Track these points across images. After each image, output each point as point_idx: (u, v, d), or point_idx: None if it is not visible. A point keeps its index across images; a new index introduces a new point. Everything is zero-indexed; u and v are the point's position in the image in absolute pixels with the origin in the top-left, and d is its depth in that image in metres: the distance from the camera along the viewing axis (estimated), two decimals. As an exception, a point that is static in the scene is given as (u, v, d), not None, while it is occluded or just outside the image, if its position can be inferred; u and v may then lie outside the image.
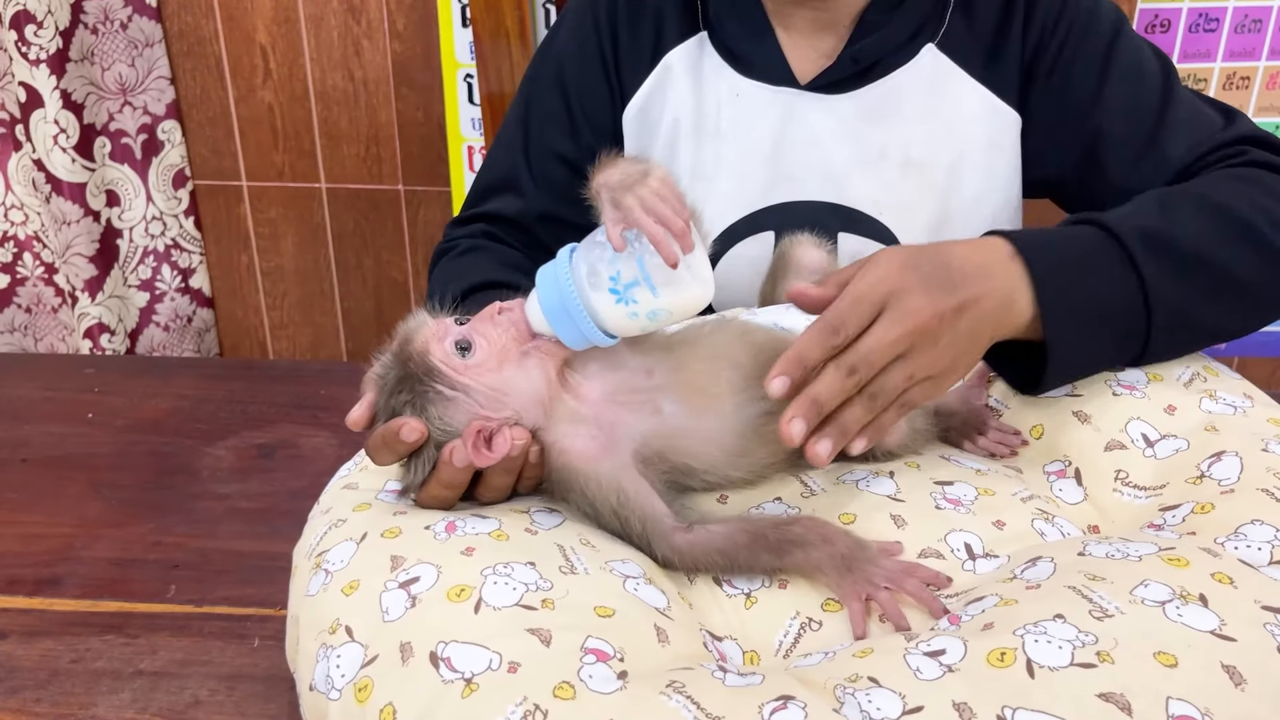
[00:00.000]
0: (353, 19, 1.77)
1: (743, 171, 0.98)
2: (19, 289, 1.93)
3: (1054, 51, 0.93)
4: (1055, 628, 0.53)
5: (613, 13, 1.00)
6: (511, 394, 0.65)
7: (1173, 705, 0.49)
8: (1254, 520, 0.62)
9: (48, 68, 1.70)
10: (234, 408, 1.08)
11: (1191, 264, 0.74)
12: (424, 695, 0.54)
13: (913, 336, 0.65)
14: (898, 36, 0.94)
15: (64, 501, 0.93)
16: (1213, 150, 0.87)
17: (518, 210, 1.02)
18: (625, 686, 0.53)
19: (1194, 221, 0.76)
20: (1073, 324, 0.72)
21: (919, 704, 0.51)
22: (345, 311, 1.98)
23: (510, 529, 0.64)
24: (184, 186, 1.89)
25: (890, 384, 0.66)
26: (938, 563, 0.64)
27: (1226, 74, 1.67)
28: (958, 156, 0.96)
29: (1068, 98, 0.93)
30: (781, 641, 0.61)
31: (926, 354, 0.66)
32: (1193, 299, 0.74)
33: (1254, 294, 0.78)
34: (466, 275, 0.94)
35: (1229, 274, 0.76)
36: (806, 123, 0.97)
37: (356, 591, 0.61)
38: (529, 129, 1.03)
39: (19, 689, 0.70)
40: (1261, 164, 0.83)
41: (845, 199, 0.96)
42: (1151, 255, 0.73)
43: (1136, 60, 0.92)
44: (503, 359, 0.65)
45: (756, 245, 0.97)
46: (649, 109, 1.00)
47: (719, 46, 0.99)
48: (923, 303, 0.66)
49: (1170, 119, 0.89)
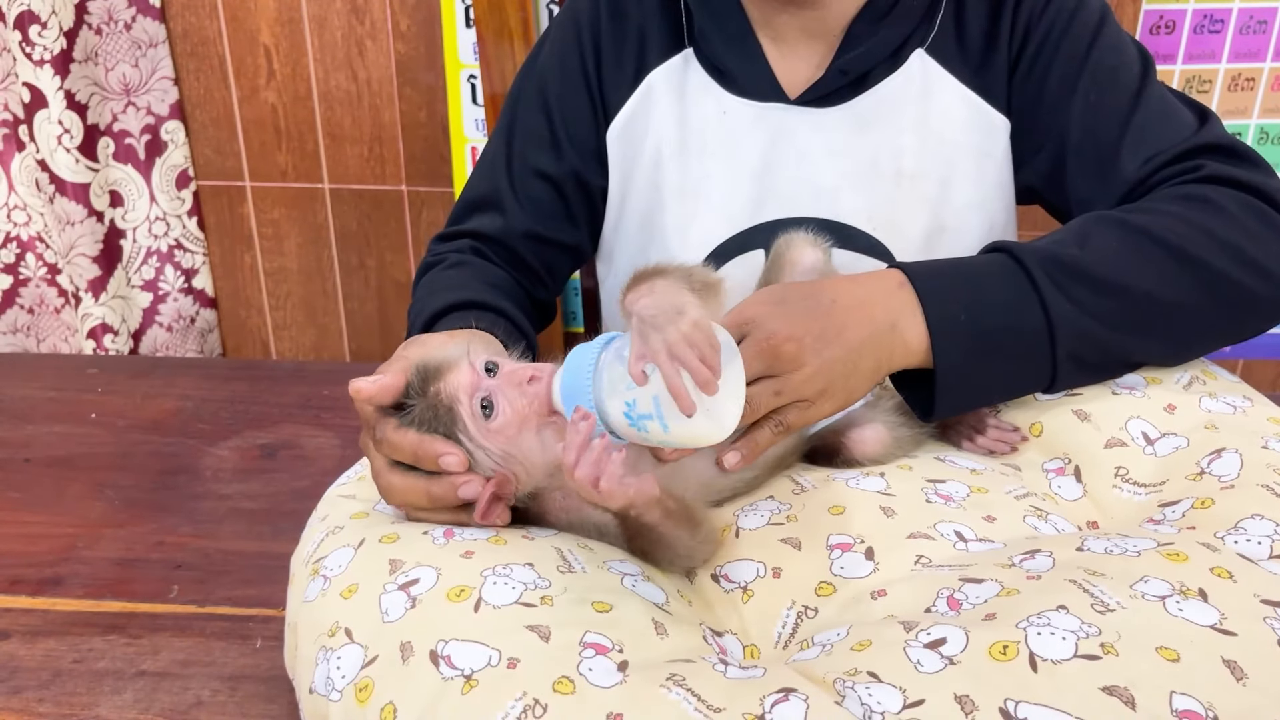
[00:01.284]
0: (356, 20, 1.77)
1: (731, 190, 0.96)
2: (22, 289, 1.93)
3: (1034, 52, 0.91)
4: (1059, 618, 0.53)
5: (596, 29, 0.98)
6: (523, 460, 0.67)
7: (1176, 700, 0.49)
8: (1254, 515, 0.62)
9: (51, 68, 1.70)
10: (237, 408, 1.08)
11: (1105, 289, 0.73)
12: (425, 693, 0.54)
13: (768, 357, 0.68)
14: (887, 46, 0.92)
15: (67, 502, 0.93)
16: (1169, 164, 0.84)
17: (500, 229, 1.00)
18: (625, 679, 0.53)
19: (1115, 247, 0.75)
20: (965, 348, 0.72)
21: (920, 697, 0.51)
22: (348, 312, 1.98)
23: (507, 534, 0.66)
24: (187, 187, 1.89)
25: (755, 398, 0.68)
26: (928, 544, 0.64)
27: (1231, 75, 1.67)
28: (949, 166, 0.94)
29: (1043, 100, 0.91)
30: (780, 632, 0.62)
31: (792, 377, 0.69)
32: (1104, 323, 0.73)
33: (1188, 317, 0.76)
34: (450, 290, 0.91)
35: (1151, 299, 0.74)
36: (795, 139, 0.95)
37: (355, 594, 0.61)
38: (512, 147, 1.01)
39: (21, 689, 0.70)
40: (1216, 178, 0.80)
41: (837, 214, 0.95)
42: (1056, 279, 0.72)
43: (1114, 63, 0.89)
44: (522, 427, 0.66)
45: (745, 265, 0.95)
46: (632, 127, 0.98)
47: (705, 63, 0.96)
48: (779, 327, 0.69)
49: (1135, 126, 0.86)
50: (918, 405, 0.76)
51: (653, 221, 0.99)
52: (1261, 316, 0.78)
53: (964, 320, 0.72)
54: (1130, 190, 0.85)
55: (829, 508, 0.68)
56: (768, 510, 0.69)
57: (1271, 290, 0.77)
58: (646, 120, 0.98)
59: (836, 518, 0.67)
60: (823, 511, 0.67)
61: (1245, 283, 0.75)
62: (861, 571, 0.63)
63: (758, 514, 0.69)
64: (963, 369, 0.72)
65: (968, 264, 0.76)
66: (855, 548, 0.64)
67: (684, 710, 0.51)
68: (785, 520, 0.67)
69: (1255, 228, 0.77)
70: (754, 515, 0.69)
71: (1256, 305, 0.77)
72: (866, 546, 0.64)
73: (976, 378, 0.73)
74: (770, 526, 0.67)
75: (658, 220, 0.98)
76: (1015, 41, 0.91)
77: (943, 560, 0.63)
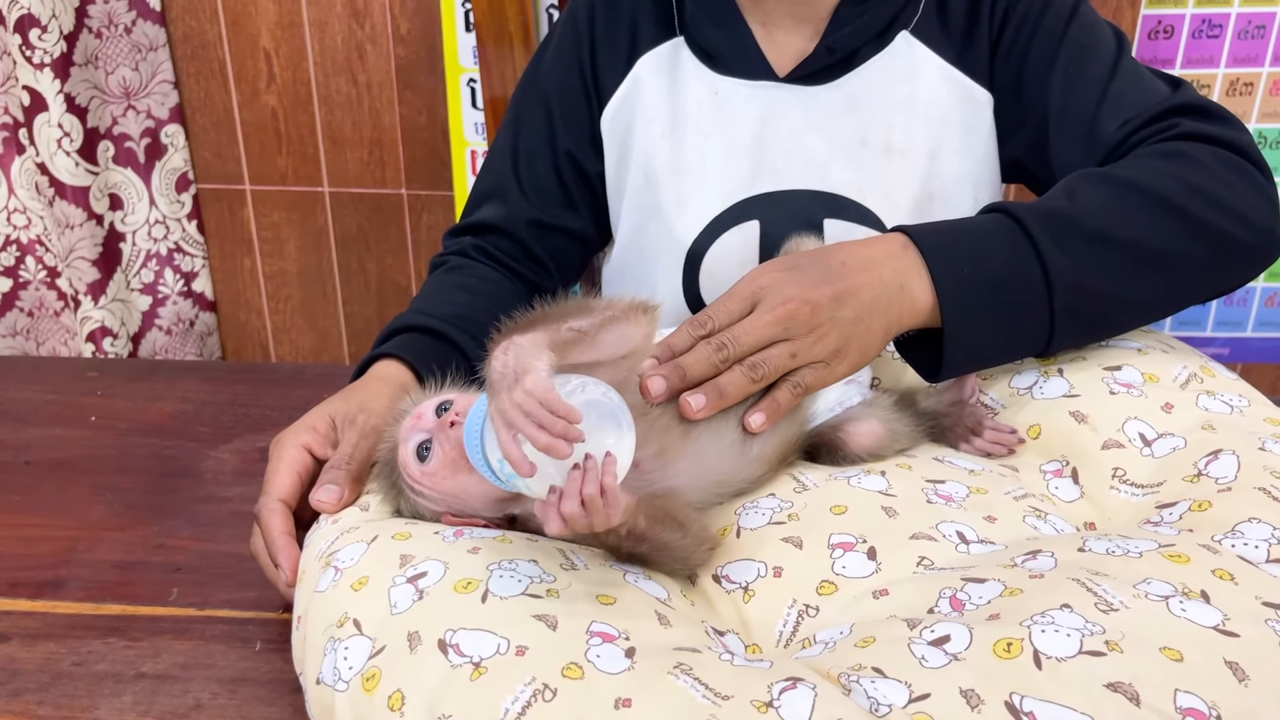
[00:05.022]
0: (356, 23, 1.77)
1: (726, 165, 1.00)
2: (21, 293, 1.93)
3: (1014, 31, 0.95)
4: (1063, 616, 0.53)
5: (591, 20, 1.03)
6: (466, 498, 0.67)
7: (1181, 698, 0.50)
8: (1251, 519, 0.62)
9: (52, 72, 1.70)
10: (237, 411, 1.08)
11: (1097, 240, 0.76)
12: (432, 679, 0.54)
13: (785, 321, 0.70)
14: (873, 27, 0.96)
15: (67, 504, 0.93)
16: (1145, 124, 0.87)
17: (504, 218, 1.04)
18: (634, 666, 0.54)
19: (1103, 200, 0.78)
20: (970, 303, 0.74)
21: (926, 691, 0.51)
22: (348, 315, 1.98)
23: (513, 535, 0.66)
24: (187, 190, 1.89)
25: (772, 360, 0.70)
26: (930, 545, 0.64)
27: (1230, 80, 1.67)
28: (936, 140, 0.97)
29: (1024, 75, 0.94)
30: (781, 631, 0.62)
31: (807, 338, 0.71)
32: (1098, 275, 0.76)
33: (1176, 265, 0.78)
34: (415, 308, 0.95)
35: (1142, 247, 0.77)
36: (786, 115, 0.98)
37: (365, 587, 0.61)
38: (516, 139, 1.06)
39: (21, 691, 0.70)
40: (1191, 135, 0.84)
41: (828, 186, 0.98)
42: (1052, 233, 0.75)
43: (1089, 41, 0.93)
44: (455, 469, 0.66)
45: (742, 234, 0.99)
46: (624, 112, 1.03)
47: (695, 49, 1.01)
48: (794, 292, 0.70)
49: (1111, 96, 0.90)
50: (924, 367, 0.78)
51: (649, 201, 1.03)
52: (1245, 262, 0.82)
53: (968, 275, 0.74)
54: (1110, 152, 0.88)
55: (830, 506, 0.68)
56: (769, 508, 0.69)
57: (1253, 237, 0.80)
58: (638, 103, 1.02)
59: (838, 517, 0.67)
60: (824, 510, 0.67)
61: (1227, 229, 0.79)
62: (864, 571, 0.63)
63: (759, 513, 0.69)
64: (969, 325, 0.74)
65: (968, 223, 0.79)
66: (857, 547, 0.64)
67: (692, 696, 0.51)
68: (787, 519, 0.67)
69: (1231, 178, 0.81)
70: (755, 514, 0.69)
71: (1239, 251, 0.80)
72: (869, 546, 0.64)
73: (981, 333, 0.75)
74: (771, 525, 0.67)
75: (654, 199, 1.02)
76: (996, 22, 0.96)
77: (945, 563, 0.63)
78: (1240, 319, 1.81)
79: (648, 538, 0.63)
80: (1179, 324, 1.78)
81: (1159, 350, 0.80)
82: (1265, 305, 1.80)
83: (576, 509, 0.56)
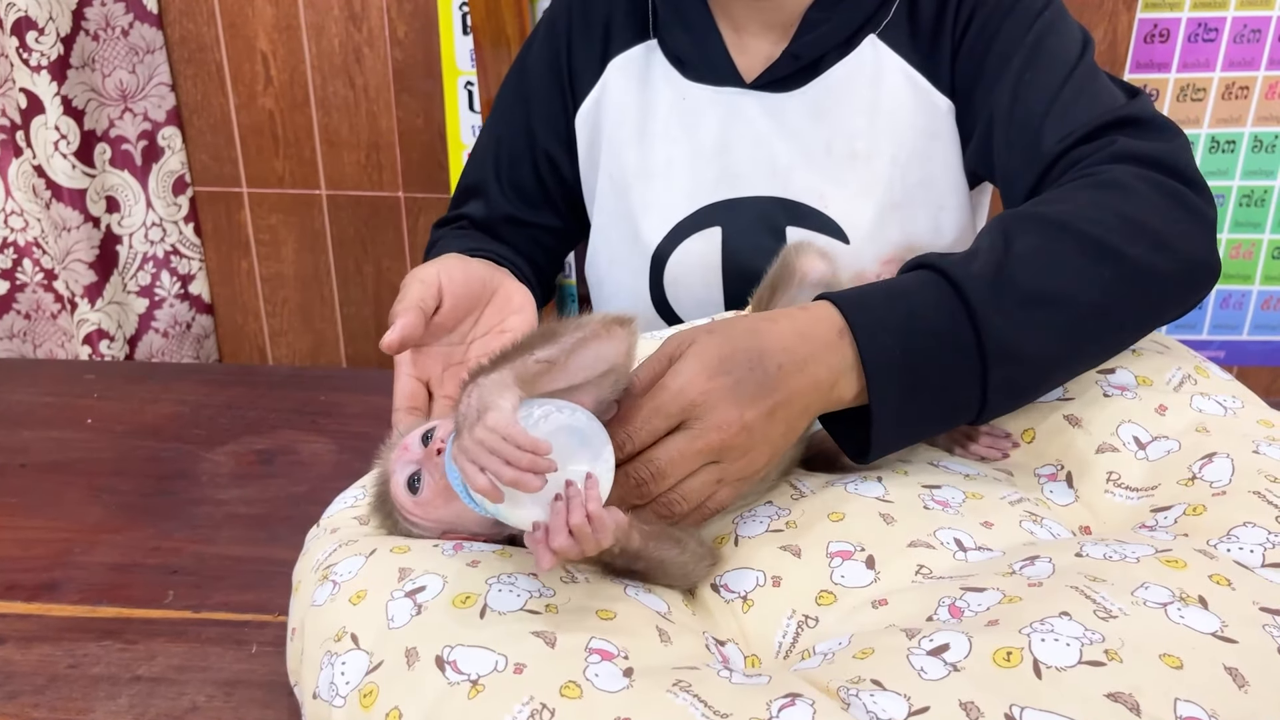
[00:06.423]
0: (354, 26, 1.77)
1: (689, 170, 1.00)
2: (18, 295, 1.93)
3: (975, 34, 0.93)
4: (1062, 625, 0.53)
5: (568, 21, 1.05)
6: (462, 524, 0.67)
7: (1181, 706, 0.49)
8: (1246, 523, 0.62)
9: (49, 74, 1.70)
10: (233, 413, 1.08)
11: (1032, 300, 0.69)
12: (430, 697, 0.54)
13: (718, 450, 0.64)
14: (839, 33, 0.95)
15: (63, 507, 0.93)
16: (1083, 140, 0.83)
17: (484, 214, 1.07)
18: (632, 684, 0.53)
19: (1037, 246, 0.71)
20: (902, 391, 0.67)
21: (925, 704, 0.50)
22: (345, 318, 1.98)
23: (512, 549, 0.66)
24: (184, 193, 1.89)
25: (694, 489, 0.64)
26: (929, 553, 0.64)
27: (1226, 84, 1.67)
28: (898, 146, 0.96)
29: (980, 80, 0.93)
30: (781, 642, 0.62)
31: (737, 461, 0.65)
32: (1034, 341, 0.69)
33: (1114, 316, 0.73)
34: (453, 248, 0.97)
35: (1080, 302, 0.70)
36: (750, 121, 0.98)
37: (363, 600, 0.61)
38: (498, 137, 1.08)
39: (17, 694, 0.70)
40: (1126, 154, 0.79)
41: (791, 193, 0.98)
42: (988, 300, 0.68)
43: (1051, 45, 0.89)
44: (448, 497, 0.65)
45: (705, 240, 1.00)
46: (596, 113, 1.04)
47: (667, 53, 1.01)
48: (731, 416, 0.63)
49: (1060, 104, 0.86)
50: (850, 445, 0.72)
51: (616, 203, 1.04)
52: (1181, 296, 0.76)
53: (900, 363, 0.67)
54: (1048, 166, 0.85)
55: (828, 514, 0.68)
56: (766, 516, 0.69)
57: (1188, 270, 0.75)
58: (609, 105, 1.03)
59: (836, 524, 0.66)
60: (822, 518, 0.67)
61: (1163, 267, 0.73)
62: (862, 580, 0.63)
63: (757, 521, 0.69)
64: (899, 412, 0.68)
65: (904, 294, 0.70)
66: (856, 555, 0.64)
67: (691, 715, 0.51)
68: (785, 527, 0.67)
69: (1166, 206, 0.76)
70: (753, 522, 0.69)
71: (1176, 285, 0.75)
72: (867, 555, 0.64)
73: (910, 419, 0.69)
74: (769, 534, 0.67)
75: (621, 202, 1.04)
76: (960, 24, 0.94)
77: (943, 571, 0.62)
78: (1236, 322, 1.81)
79: (643, 555, 0.62)
80: (1174, 328, 1.79)
81: (1154, 351, 0.80)
82: (1261, 308, 1.80)
83: (566, 541, 0.55)
